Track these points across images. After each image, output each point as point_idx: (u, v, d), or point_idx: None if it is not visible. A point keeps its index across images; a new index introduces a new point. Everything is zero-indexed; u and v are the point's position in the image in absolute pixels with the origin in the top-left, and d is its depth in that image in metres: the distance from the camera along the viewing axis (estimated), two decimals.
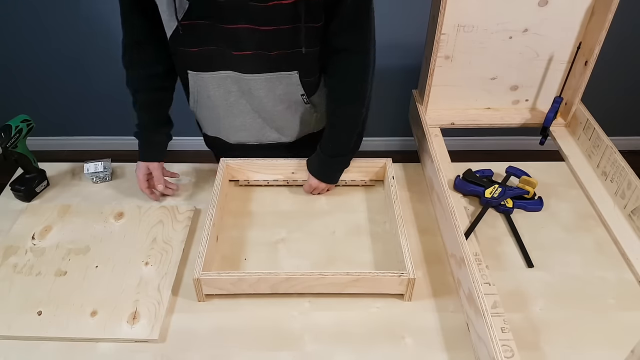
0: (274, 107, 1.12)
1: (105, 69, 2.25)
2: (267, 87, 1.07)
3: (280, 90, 1.09)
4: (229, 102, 1.12)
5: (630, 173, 1.08)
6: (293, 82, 1.08)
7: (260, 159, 1.18)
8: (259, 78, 1.05)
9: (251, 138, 1.21)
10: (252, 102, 1.11)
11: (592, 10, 1.17)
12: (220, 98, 1.11)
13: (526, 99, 1.35)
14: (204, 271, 0.92)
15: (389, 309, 0.95)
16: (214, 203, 1.04)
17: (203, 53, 1.03)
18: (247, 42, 0.99)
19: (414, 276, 0.91)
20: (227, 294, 0.94)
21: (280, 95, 1.10)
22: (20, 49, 2.19)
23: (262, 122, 1.16)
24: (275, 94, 1.09)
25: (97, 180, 1.20)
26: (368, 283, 0.93)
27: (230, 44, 1.00)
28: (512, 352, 0.80)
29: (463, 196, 1.16)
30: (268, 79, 1.06)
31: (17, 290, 0.96)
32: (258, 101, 1.10)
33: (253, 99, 1.10)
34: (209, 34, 0.99)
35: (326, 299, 0.95)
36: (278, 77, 1.06)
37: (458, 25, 1.19)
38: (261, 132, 1.19)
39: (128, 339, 0.88)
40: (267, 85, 1.07)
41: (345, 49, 1.03)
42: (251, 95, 1.09)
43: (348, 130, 1.12)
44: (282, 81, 1.07)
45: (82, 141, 2.55)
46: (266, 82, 1.06)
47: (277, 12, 0.93)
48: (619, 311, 0.94)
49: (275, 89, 1.08)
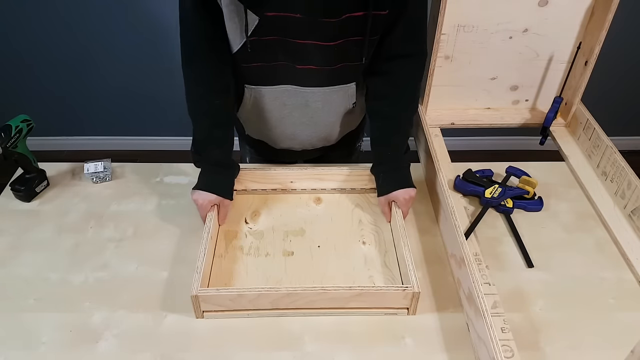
0: (327, 119, 1.13)
1: (105, 69, 2.25)
2: (324, 100, 1.08)
3: (337, 102, 1.10)
4: (282, 114, 1.12)
5: (630, 173, 1.08)
6: (349, 93, 1.09)
7: (258, 170, 1.17)
8: (318, 91, 1.06)
9: (297, 145, 1.21)
10: (307, 114, 1.11)
11: (592, 10, 1.17)
12: (275, 110, 1.11)
13: (526, 99, 1.35)
14: (201, 287, 0.90)
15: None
16: (212, 216, 1.04)
17: (266, 68, 1.02)
18: (314, 56, 0.99)
19: (418, 290, 0.90)
20: (226, 310, 0.92)
21: (336, 107, 1.11)
22: (21, 48, 2.19)
23: (312, 133, 1.17)
24: (332, 106, 1.11)
25: (97, 180, 1.20)
26: (371, 297, 0.91)
27: (297, 58, 1.00)
28: (512, 352, 0.80)
29: (463, 196, 1.16)
30: (327, 92, 1.07)
31: (254, 270, 1.00)
32: (312, 113, 1.11)
33: (308, 110, 1.10)
34: (277, 50, 0.99)
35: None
36: (337, 90, 1.07)
37: (458, 25, 1.19)
38: (308, 141, 1.20)
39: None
40: (325, 97, 1.08)
41: (405, 55, 1.04)
42: (307, 107, 1.10)
43: (408, 131, 1.13)
44: (339, 94, 1.08)
45: (82, 141, 2.55)
46: (324, 94, 1.07)
47: (348, 25, 0.94)
48: (619, 311, 0.94)
49: (333, 101, 1.09)
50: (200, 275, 0.91)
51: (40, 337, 0.89)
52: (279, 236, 1.08)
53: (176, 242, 1.07)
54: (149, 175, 1.24)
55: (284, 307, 0.92)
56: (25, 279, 0.99)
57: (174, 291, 0.97)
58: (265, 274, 1.00)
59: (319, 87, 1.06)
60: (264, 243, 1.06)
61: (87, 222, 1.12)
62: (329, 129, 1.18)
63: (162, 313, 0.93)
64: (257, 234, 1.09)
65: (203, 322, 0.92)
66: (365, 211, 1.14)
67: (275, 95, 1.08)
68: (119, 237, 1.08)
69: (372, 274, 1.00)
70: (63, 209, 1.15)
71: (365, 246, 1.06)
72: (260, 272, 1.00)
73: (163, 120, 2.46)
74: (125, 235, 1.09)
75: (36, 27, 2.12)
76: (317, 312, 0.93)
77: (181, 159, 1.29)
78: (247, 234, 1.08)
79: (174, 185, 1.22)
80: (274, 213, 1.14)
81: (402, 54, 1.04)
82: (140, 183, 1.22)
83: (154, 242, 1.07)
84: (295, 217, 1.13)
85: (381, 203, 1.11)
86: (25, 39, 2.16)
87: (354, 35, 0.96)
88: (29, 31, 2.14)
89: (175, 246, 1.06)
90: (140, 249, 1.06)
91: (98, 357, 0.86)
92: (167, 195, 1.19)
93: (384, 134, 1.12)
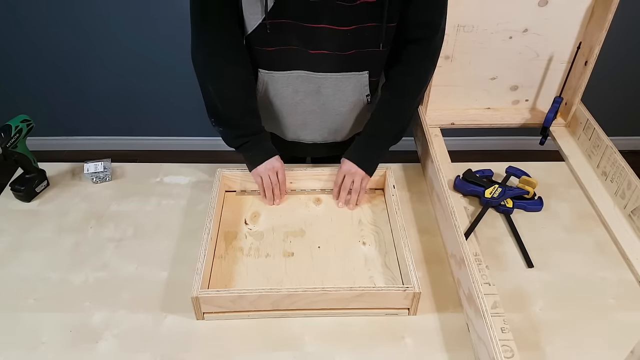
0: (339, 107, 1.13)
1: (105, 69, 2.25)
2: (336, 86, 1.09)
3: (349, 91, 1.10)
4: (295, 101, 1.12)
5: (630, 173, 1.08)
6: (362, 82, 1.09)
7: None
8: (330, 77, 1.07)
9: (307, 137, 1.21)
10: (319, 101, 1.12)
11: (592, 10, 1.17)
12: (287, 97, 1.12)
13: (526, 99, 1.35)
14: (202, 289, 0.90)
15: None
16: (211, 216, 1.03)
17: (280, 52, 1.03)
18: (327, 41, 1.00)
19: (419, 290, 0.90)
20: (226, 312, 0.92)
21: (348, 96, 1.11)
22: (21, 48, 2.19)
23: (322, 123, 1.17)
24: (344, 94, 1.11)
25: (97, 180, 1.20)
26: (372, 298, 0.91)
27: (310, 43, 1.00)
28: (512, 352, 0.80)
29: (463, 196, 1.16)
30: (339, 78, 1.07)
31: (254, 271, 1.00)
32: (324, 100, 1.11)
33: (320, 97, 1.11)
34: (290, 33, 0.99)
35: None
36: (349, 76, 1.07)
37: (458, 25, 1.19)
38: (318, 132, 1.20)
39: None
40: (337, 84, 1.08)
41: (416, 39, 1.04)
42: (319, 94, 1.10)
43: (397, 119, 1.13)
44: (351, 81, 1.08)
45: (82, 141, 2.55)
46: (336, 81, 1.08)
47: (363, 11, 0.95)
48: (619, 311, 0.94)
49: (345, 88, 1.09)
50: (200, 277, 0.91)
51: (40, 337, 0.89)
52: (279, 237, 1.08)
53: (176, 242, 1.07)
54: (149, 175, 1.24)
55: (285, 308, 0.92)
56: (25, 279, 0.99)
57: (174, 291, 0.97)
58: (265, 275, 1.00)
59: (332, 72, 1.06)
60: (264, 244, 1.06)
61: (87, 222, 1.12)
62: (340, 121, 1.17)
63: (162, 314, 0.93)
64: (257, 235, 1.09)
65: (203, 323, 0.92)
66: (365, 211, 1.14)
67: (288, 81, 1.08)
68: (119, 237, 1.08)
69: (372, 274, 1.00)
70: (63, 209, 1.15)
71: (366, 246, 1.06)
72: (260, 273, 1.00)
73: (163, 120, 2.46)
74: (125, 235, 1.09)
75: (36, 26, 2.12)
76: (318, 313, 0.93)
77: (181, 159, 1.30)
78: (247, 235, 1.08)
79: (174, 185, 1.22)
80: (273, 214, 1.14)
81: (412, 38, 1.04)
82: (140, 183, 1.22)
83: (154, 242, 1.07)
84: (295, 218, 1.13)
85: (340, 170, 1.13)
86: (26, 38, 2.16)
87: (369, 21, 0.97)
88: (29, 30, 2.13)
89: (175, 246, 1.06)
90: (140, 249, 1.06)
91: (98, 357, 0.86)
92: (167, 195, 1.19)
93: (384, 111, 1.13)
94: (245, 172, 1.16)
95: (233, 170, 1.16)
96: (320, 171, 1.17)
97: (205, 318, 0.92)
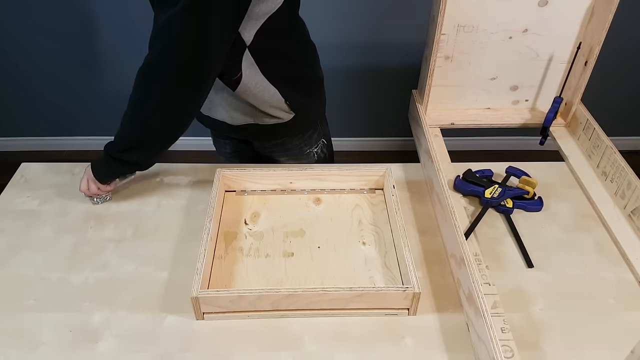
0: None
1: (105, 69, 2.25)
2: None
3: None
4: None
5: (630, 173, 1.08)
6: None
7: (257, 169, 1.17)
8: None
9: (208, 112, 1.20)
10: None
11: (592, 10, 1.17)
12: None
13: (526, 99, 1.35)
14: (201, 289, 0.89)
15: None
16: (211, 216, 1.03)
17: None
18: None
19: (419, 290, 0.90)
20: (226, 312, 0.92)
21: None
22: (20, 48, 2.19)
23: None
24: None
25: (97, 201, 1.18)
26: (372, 298, 0.91)
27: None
28: (512, 352, 0.80)
29: (463, 196, 1.16)
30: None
31: (254, 271, 1.00)
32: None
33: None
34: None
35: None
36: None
37: (458, 25, 1.19)
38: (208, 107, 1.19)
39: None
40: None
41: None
42: None
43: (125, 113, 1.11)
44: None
45: (82, 141, 2.55)
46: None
47: None
48: (619, 311, 0.94)
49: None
50: (200, 277, 0.90)
51: (40, 337, 0.89)
52: (279, 237, 1.08)
53: (176, 242, 1.07)
54: (149, 175, 1.24)
55: (284, 308, 0.92)
56: (25, 279, 0.99)
57: (174, 292, 0.97)
58: (265, 275, 1.00)
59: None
60: (264, 244, 1.06)
61: (87, 222, 1.12)
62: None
63: (162, 314, 0.93)
64: (256, 235, 1.09)
65: (203, 323, 0.92)
66: (365, 211, 1.14)
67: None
68: (119, 237, 1.08)
69: (372, 274, 1.00)
70: (63, 209, 1.15)
71: (366, 247, 1.06)
72: (260, 273, 1.00)
73: None
74: (125, 235, 1.09)
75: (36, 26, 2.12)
76: (318, 313, 0.93)
77: (181, 159, 1.30)
78: (246, 235, 1.08)
79: (174, 185, 1.22)
80: (273, 214, 1.14)
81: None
82: (140, 183, 1.22)
83: (154, 242, 1.07)
84: (295, 218, 1.13)
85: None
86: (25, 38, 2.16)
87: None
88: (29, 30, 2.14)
89: (175, 246, 1.06)
90: (140, 249, 1.06)
91: (98, 357, 0.86)
92: (167, 195, 1.19)
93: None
94: (246, 172, 1.16)
95: (233, 170, 1.16)
96: (320, 171, 1.17)
97: (205, 318, 0.92)
